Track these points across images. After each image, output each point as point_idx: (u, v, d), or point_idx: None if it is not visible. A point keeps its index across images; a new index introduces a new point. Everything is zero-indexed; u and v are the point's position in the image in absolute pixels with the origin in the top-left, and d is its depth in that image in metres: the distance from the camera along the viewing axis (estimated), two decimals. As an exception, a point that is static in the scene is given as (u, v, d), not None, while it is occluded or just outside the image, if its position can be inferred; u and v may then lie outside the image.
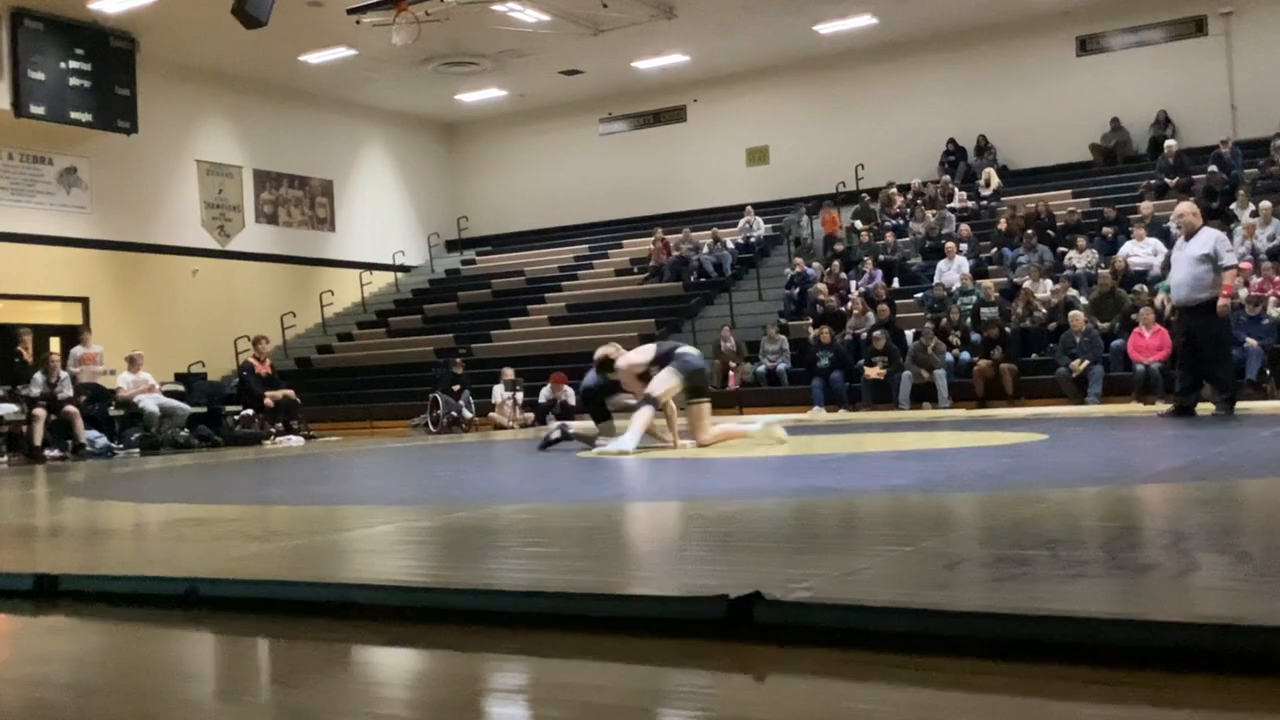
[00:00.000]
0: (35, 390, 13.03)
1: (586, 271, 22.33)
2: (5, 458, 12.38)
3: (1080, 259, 16.18)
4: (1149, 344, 13.48)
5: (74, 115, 18.12)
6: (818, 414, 14.47)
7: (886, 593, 2.35)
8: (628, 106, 24.30)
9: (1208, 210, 16.63)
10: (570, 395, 14.90)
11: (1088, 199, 18.68)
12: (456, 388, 16.38)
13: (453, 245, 25.90)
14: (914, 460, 6.58)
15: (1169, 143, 18.44)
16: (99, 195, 19.18)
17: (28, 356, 14.22)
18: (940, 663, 1.89)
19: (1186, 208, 9.96)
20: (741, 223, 21.08)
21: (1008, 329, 14.84)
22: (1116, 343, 13.91)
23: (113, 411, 14.16)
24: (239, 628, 2.60)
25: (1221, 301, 9.21)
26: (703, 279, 19.89)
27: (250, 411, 15.05)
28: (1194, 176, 17.62)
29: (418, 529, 4.13)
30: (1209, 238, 9.41)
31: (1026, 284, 15.36)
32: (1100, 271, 15.25)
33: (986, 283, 15.92)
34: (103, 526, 5.13)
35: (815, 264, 18.67)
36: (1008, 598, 2.25)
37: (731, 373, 16.20)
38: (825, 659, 1.98)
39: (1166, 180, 17.82)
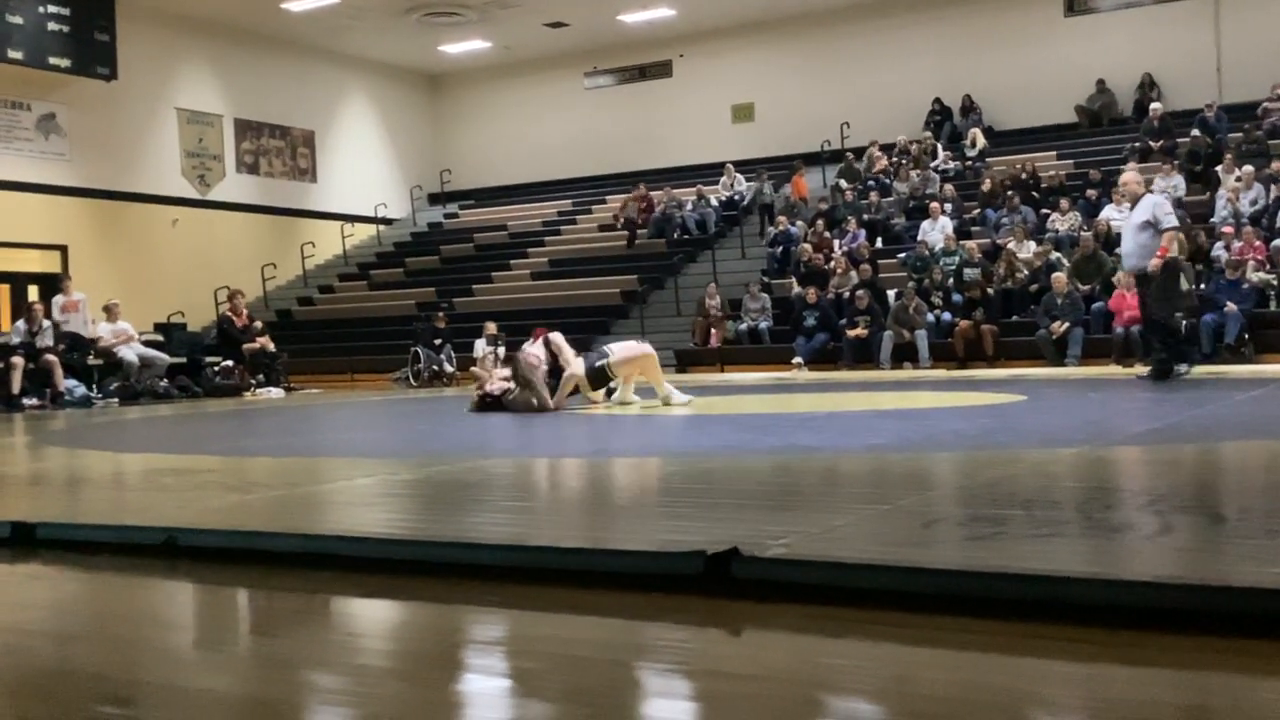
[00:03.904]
0: (15, 339, 12.93)
1: (569, 227, 22.24)
2: (-17, 406, 12.30)
3: (1063, 221, 16.20)
4: (1129, 305, 13.53)
5: (52, 60, 17.87)
6: (800, 372, 14.51)
7: (864, 550, 2.37)
8: (613, 61, 24.12)
9: (1191, 174, 16.67)
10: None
11: (1072, 161, 18.67)
12: (438, 341, 16.34)
13: (435, 198, 25.74)
14: (893, 420, 6.62)
15: (1154, 105, 18.42)
16: (78, 142, 18.97)
17: None
18: (916, 619, 1.91)
19: (1129, 176, 9.99)
20: (723, 180, 21.00)
21: (989, 290, 14.88)
22: (1097, 305, 13.96)
23: (91, 361, 14.08)
24: (218, 578, 2.60)
25: (1154, 261, 9.25)
26: (685, 236, 19.84)
27: (230, 363, 15.00)
28: (1178, 140, 17.62)
29: (398, 482, 4.14)
30: (1149, 204, 9.48)
31: (1009, 245, 15.38)
32: (1083, 234, 15.28)
33: (970, 244, 15.92)
34: (81, 475, 5.12)
35: (799, 223, 18.64)
36: (983, 556, 2.27)
37: (714, 331, 16.20)
38: (802, 615, 1.99)
39: (1151, 143, 17.82)
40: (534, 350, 8.03)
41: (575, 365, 8.04)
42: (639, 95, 24.03)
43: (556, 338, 8.24)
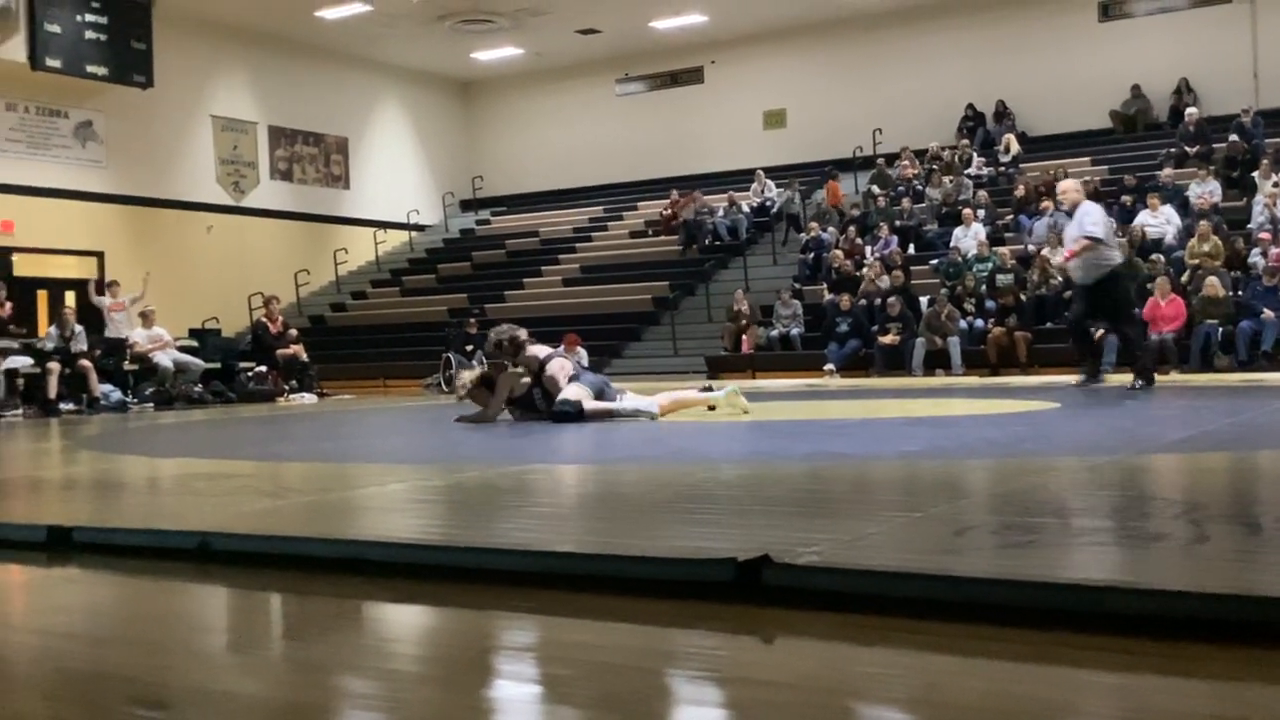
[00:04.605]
0: (49, 344, 13.08)
1: (601, 233, 22.28)
2: (20, 410, 12.44)
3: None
4: (1164, 313, 13.42)
5: (90, 69, 18.08)
6: (832, 379, 14.46)
7: (895, 558, 2.35)
8: (645, 67, 24.15)
9: (1228, 180, 16.52)
10: (584, 357, 14.88)
11: (1106, 167, 18.54)
12: (470, 348, 16.40)
13: (467, 205, 25.84)
14: (925, 427, 6.58)
15: (1190, 110, 18.27)
16: (114, 149, 19.17)
17: (0, 312, 14.18)
18: (948, 628, 1.90)
19: (1069, 184, 10.02)
20: (754, 186, 20.98)
21: (1023, 296, 14.79)
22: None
23: (127, 366, 14.22)
24: (251, 582, 2.61)
25: (1058, 259, 9.27)
26: (717, 242, 19.82)
27: (264, 368, 15.11)
28: (1214, 145, 17.46)
29: (429, 488, 4.15)
30: (1081, 212, 9.43)
31: (1043, 251, 15.28)
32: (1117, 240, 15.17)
33: (1003, 250, 15.84)
34: (116, 480, 5.16)
35: (831, 229, 18.59)
36: (1016, 565, 2.25)
37: (744, 337, 16.18)
38: (833, 623, 1.98)
39: (1186, 149, 17.67)
40: (560, 359, 7.77)
41: (570, 391, 7.34)
42: (671, 102, 24.05)
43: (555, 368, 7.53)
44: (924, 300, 15.40)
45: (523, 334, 7.81)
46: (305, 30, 21.19)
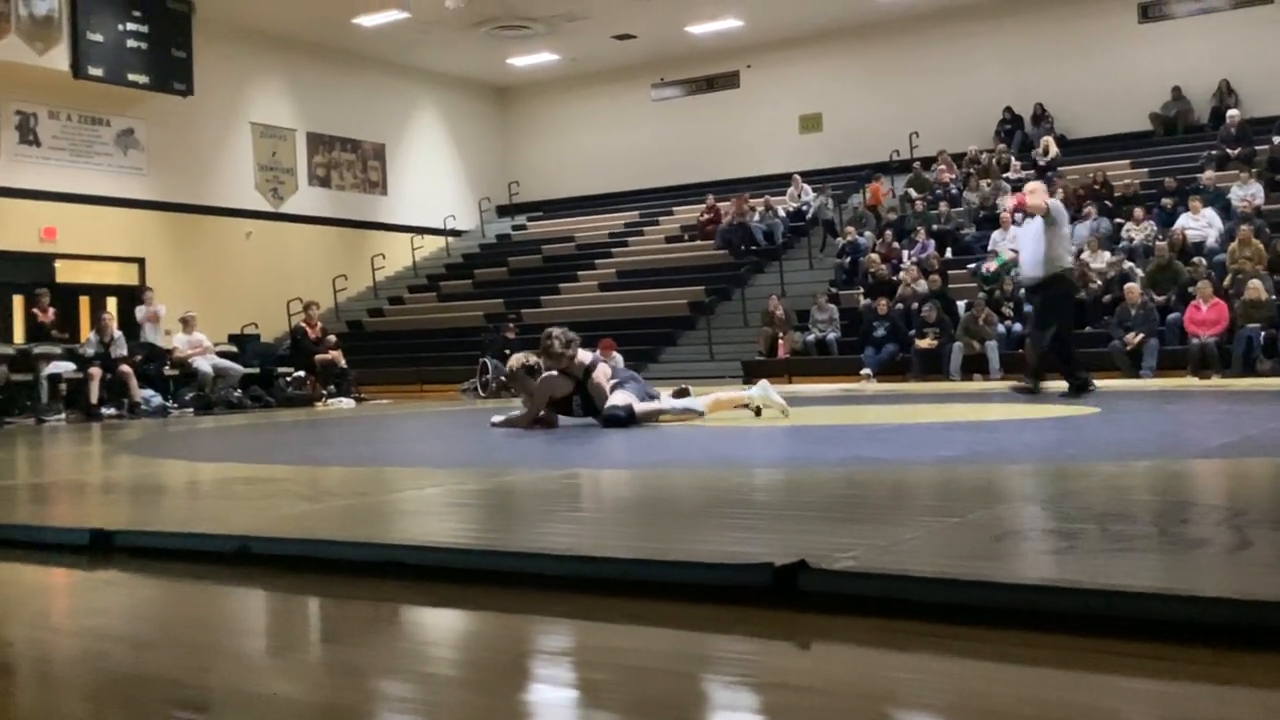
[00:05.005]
0: (91, 350, 13.24)
1: (637, 238, 22.30)
2: (63, 415, 12.60)
3: (1138, 231, 15.94)
4: (1206, 317, 13.28)
5: (131, 77, 18.29)
6: (868, 384, 14.40)
7: (933, 564, 2.34)
8: (680, 72, 24.15)
9: (1270, 182, 16.32)
10: (620, 362, 14.89)
11: (1147, 169, 18.36)
12: (507, 352, 16.43)
13: (504, 210, 25.93)
14: (963, 432, 6.54)
15: (1231, 112, 18.06)
16: (155, 157, 19.38)
17: (43, 318, 14.45)
18: (986, 635, 1.88)
19: (1035, 185, 9.93)
20: (790, 191, 20.93)
21: (1062, 301, 14.66)
22: (1173, 316, 13.71)
23: (167, 371, 14.37)
24: (289, 585, 2.63)
25: (1016, 199, 9.46)
26: (753, 247, 19.79)
27: (302, 373, 15.23)
28: (1257, 147, 17.26)
29: (466, 492, 4.17)
30: (1056, 210, 9.44)
31: (1083, 255, 15.15)
32: (1157, 243, 15.01)
33: (1041, 253, 15.70)
34: (157, 484, 5.21)
35: (867, 233, 18.52)
36: (1055, 570, 2.23)
37: (780, 342, 16.14)
38: (870, 629, 1.97)
39: (1228, 150, 17.47)
40: (603, 365, 7.72)
41: (618, 397, 7.30)
42: (706, 106, 24.04)
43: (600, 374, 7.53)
44: (961, 304, 15.31)
45: (578, 340, 7.77)
46: (343, 37, 21.36)
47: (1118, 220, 16.51)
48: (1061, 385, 9.63)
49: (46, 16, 17.22)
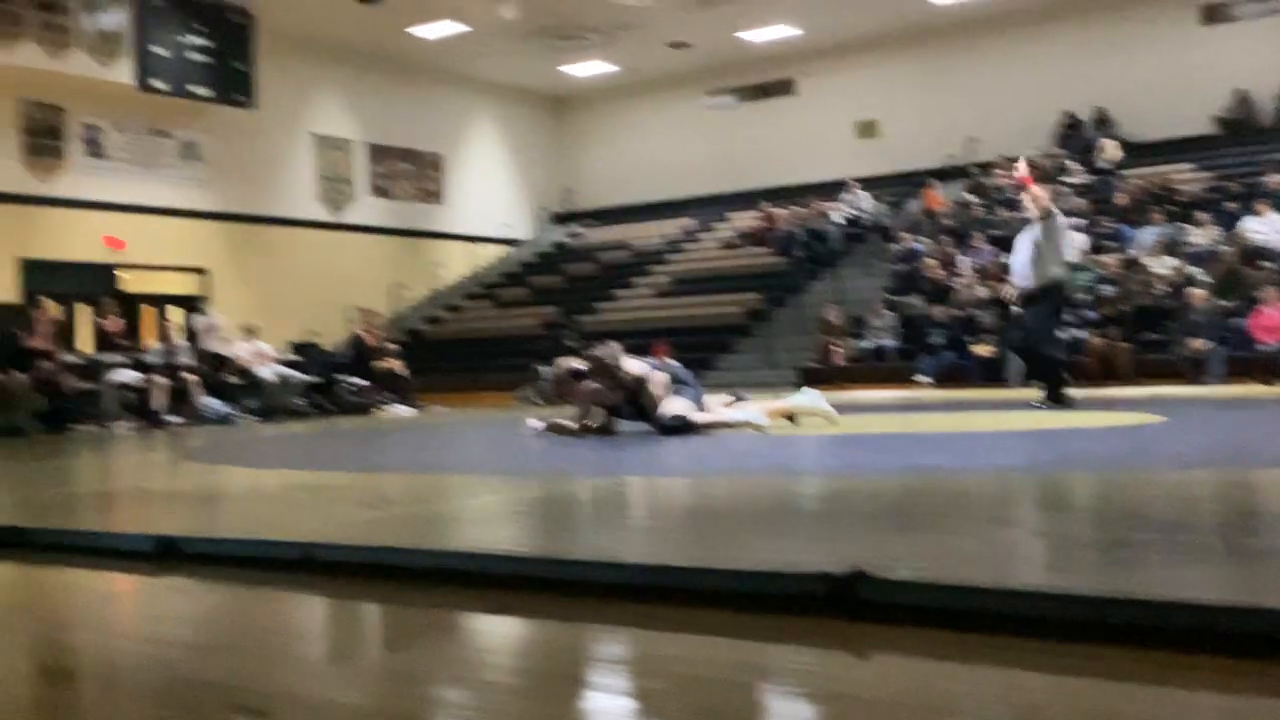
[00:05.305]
0: (155, 358, 13.46)
1: (692, 245, 22.29)
2: (129, 423, 12.81)
3: (1202, 235, 15.67)
4: (1272, 323, 13.03)
5: (194, 90, 18.58)
6: (926, 391, 14.27)
7: (993, 574, 2.31)
8: (735, 79, 24.12)
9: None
10: (677, 368, 14.88)
11: (1210, 173, 18.05)
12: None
13: (559, 218, 26.04)
14: (1023, 440, 6.46)
15: (1297, 115, 17.72)
16: (217, 168, 19.68)
17: (109, 327, 14.77)
18: (1049, 646, 1.86)
19: (1043, 190, 9.72)
20: (845, 197, 20.82)
21: (1125, 307, 14.46)
22: (1238, 322, 13.46)
23: (230, 379, 14.56)
24: (350, 592, 2.66)
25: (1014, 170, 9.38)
26: (808, 253, 19.70)
27: (363, 381, 15.38)
28: (1325, 150, 16.93)
29: (523, 499, 4.19)
30: (1062, 223, 9.36)
31: (1146, 260, 14.94)
32: (1222, 248, 14.76)
33: (1109, 259, 15.49)
34: (220, 490, 5.29)
35: (924, 239, 18.38)
36: (1119, 582, 2.20)
37: (836, 348, 16.05)
38: (929, 639, 1.96)
39: (1295, 153, 17.15)
40: (658, 373, 7.68)
41: (676, 406, 7.29)
42: (761, 113, 23.99)
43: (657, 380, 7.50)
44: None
45: (617, 355, 7.66)
46: (401, 49, 21.57)
47: (1181, 225, 16.26)
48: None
49: (112, 31, 17.55)
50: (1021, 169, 9.90)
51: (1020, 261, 9.43)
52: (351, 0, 17.48)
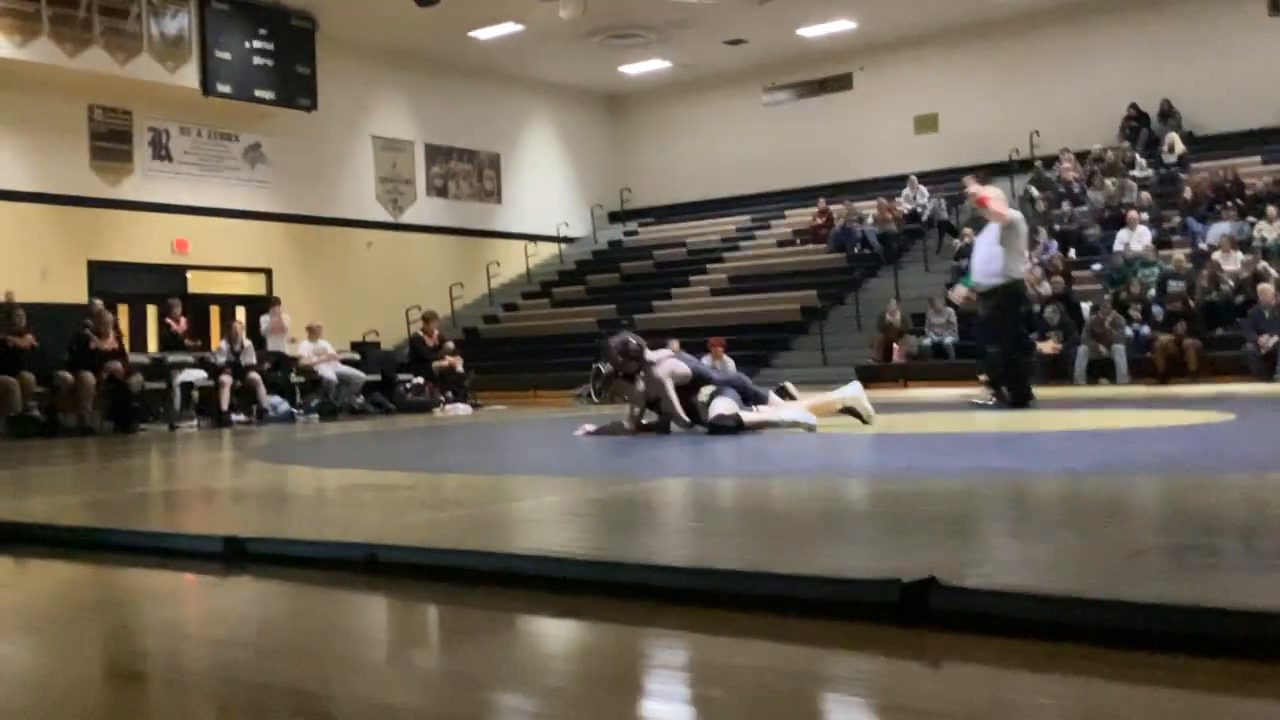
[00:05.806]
0: (220, 358, 13.66)
1: (748, 242, 22.20)
2: (195, 421, 13.01)
3: (1271, 229, 15.35)
4: (1348, 319, 12.73)
5: (258, 93, 18.84)
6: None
7: (1065, 581, 2.26)
8: (792, 75, 24.00)
9: None
10: (730, 365, 14.84)
11: (1278, 166, 17.67)
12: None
13: (615, 216, 26.06)
14: (1091, 440, 6.35)
15: (1372, 105, 17.30)
16: (281, 170, 19.92)
17: (176, 327, 15.08)
18: (1123, 657, 1.81)
19: (996, 192, 9.66)
20: (905, 192, 20.63)
21: (1192, 302, 14.19)
22: (1311, 317, 13.16)
23: (294, 379, 14.74)
24: (414, 593, 2.67)
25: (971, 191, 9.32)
26: (866, 250, 19.56)
27: (421, 380, 15.49)
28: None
29: (584, 500, 4.18)
30: (1016, 220, 9.34)
31: (1214, 255, 14.65)
32: (1293, 242, 14.45)
33: (1177, 254, 15.22)
34: (286, 490, 5.34)
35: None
36: (1197, 590, 2.14)
37: (896, 346, 15.91)
38: (1000, 649, 1.92)
39: (1369, 145, 16.75)
40: (671, 362, 7.64)
41: (722, 405, 7.23)
42: (819, 109, 23.84)
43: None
44: (1086, 307, 14.90)
45: (637, 350, 7.62)
46: (459, 51, 21.70)
47: (1250, 219, 15.93)
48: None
49: (177, 36, 17.82)
50: (973, 189, 9.92)
51: (980, 259, 9.43)
52: (410, 3, 17.57)
